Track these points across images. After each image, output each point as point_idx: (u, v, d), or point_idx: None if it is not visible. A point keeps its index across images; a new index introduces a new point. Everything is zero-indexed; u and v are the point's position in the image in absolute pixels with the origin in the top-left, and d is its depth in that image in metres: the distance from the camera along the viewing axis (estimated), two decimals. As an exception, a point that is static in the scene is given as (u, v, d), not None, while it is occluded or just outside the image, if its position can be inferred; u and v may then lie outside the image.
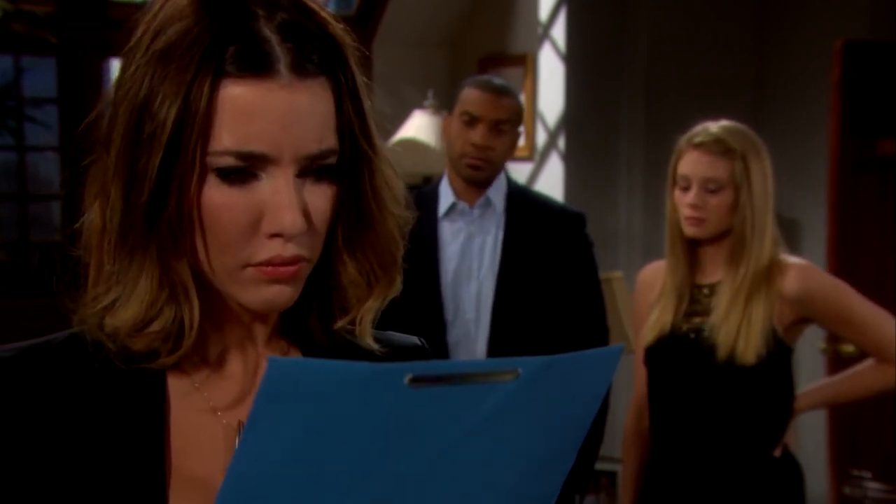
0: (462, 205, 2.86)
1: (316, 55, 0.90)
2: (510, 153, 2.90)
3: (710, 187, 2.47)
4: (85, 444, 0.91)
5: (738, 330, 2.44)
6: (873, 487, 3.61)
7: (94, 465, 0.91)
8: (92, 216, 0.93)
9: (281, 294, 0.92)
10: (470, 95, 2.84)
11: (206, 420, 0.96)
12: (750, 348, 2.43)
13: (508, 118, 2.84)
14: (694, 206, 2.48)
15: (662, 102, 4.44)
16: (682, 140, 2.53)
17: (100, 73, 4.02)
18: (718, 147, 2.47)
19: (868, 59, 3.97)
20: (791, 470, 2.54)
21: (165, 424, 0.94)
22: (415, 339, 1.09)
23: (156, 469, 0.92)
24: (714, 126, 2.51)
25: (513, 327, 2.81)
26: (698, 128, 2.52)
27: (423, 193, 2.93)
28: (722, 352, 2.44)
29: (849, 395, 2.63)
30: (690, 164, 2.49)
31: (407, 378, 0.70)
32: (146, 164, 0.88)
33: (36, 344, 0.95)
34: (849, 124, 3.97)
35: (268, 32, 0.89)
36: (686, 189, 2.50)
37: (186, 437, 0.95)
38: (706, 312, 2.51)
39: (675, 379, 2.54)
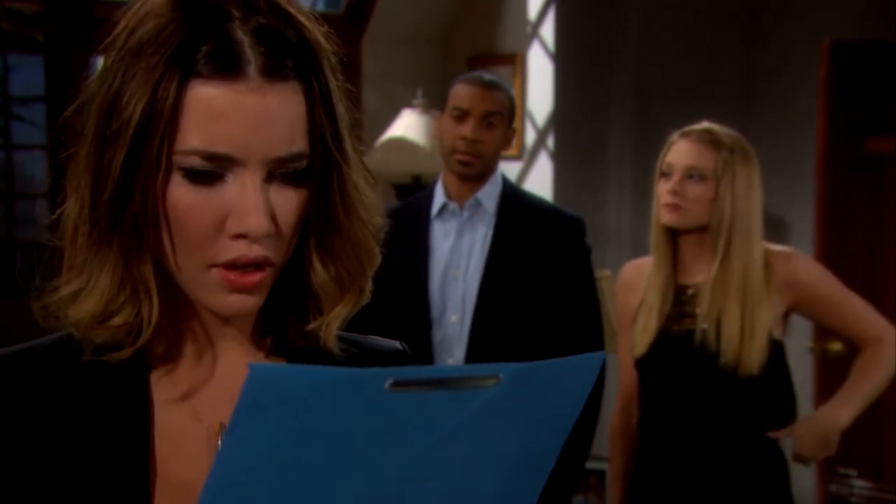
0: (452, 205, 2.84)
1: (289, 59, 0.89)
2: (502, 147, 2.86)
3: (691, 174, 2.46)
4: (69, 450, 0.92)
5: (741, 340, 2.42)
6: (859, 485, 3.62)
7: (78, 470, 0.91)
8: (69, 210, 0.93)
9: (244, 303, 0.92)
10: (459, 91, 2.82)
11: (188, 423, 0.96)
12: (755, 360, 2.42)
13: (498, 111, 2.81)
14: (672, 192, 2.46)
15: (652, 100, 4.44)
16: (674, 134, 2.54)
17: (87, 70, 4.00)
18: (707, 137, 2.47)
19: (855, 58, 3.98)
20: (777, 462, 2.54)
21: (150, 429, 0.94)
22: (396, 344, 1.09)
23: (140, 474, 0.92)
24: (708, 123, 2.52)
25: (494, 331, 2.77)
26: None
27: (419, 194, 2.92)
28: (725, 360, 2.43)
29: (879, 387, 2.51)
30: (677, 153, 2.49)
31: (388, 383, 0.70)
32: (111, 160, 0.89)
33: (20, 349, 0.96)
34: (837, 123, 3.97)
35: (240, 34, 0.88)
36: (667, 176, 2.50)
37: (169, 441, 0.95)
38: (692, 314, 2.51)
39: (668, 382, 2.54)
